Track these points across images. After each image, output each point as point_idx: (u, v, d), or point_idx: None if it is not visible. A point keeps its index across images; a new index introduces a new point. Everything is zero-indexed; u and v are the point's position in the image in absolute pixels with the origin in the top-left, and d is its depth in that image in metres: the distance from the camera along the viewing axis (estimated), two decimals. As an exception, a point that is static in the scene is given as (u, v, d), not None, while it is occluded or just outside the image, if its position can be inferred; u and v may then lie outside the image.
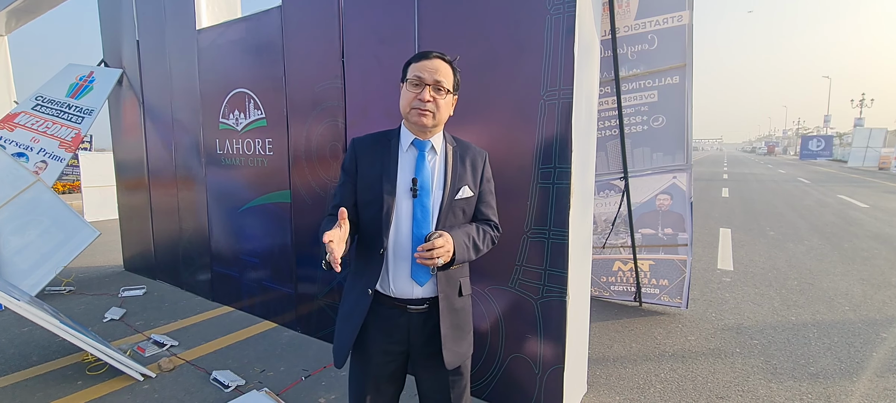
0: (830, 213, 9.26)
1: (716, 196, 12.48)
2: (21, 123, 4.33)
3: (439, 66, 1.35)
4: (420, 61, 1.36)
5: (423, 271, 1.38)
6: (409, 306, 1.40)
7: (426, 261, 1.25)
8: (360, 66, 2.75)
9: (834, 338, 3.31)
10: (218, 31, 3.67)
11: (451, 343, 1.41)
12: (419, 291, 1.39)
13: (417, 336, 1.42)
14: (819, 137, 44.20)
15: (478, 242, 1.43)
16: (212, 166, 3.88)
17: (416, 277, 1.38)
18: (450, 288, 1.42)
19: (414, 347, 1.44)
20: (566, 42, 1.98)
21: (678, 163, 3.39)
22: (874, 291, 4.37)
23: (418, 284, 1.39)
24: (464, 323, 1.48)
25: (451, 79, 1.38)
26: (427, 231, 1.36)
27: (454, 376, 1.47)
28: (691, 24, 3.07)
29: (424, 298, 1.41)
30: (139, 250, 4.94)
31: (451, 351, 1.40)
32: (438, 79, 1.34)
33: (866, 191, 13.88)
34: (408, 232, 1.36)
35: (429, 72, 1.34)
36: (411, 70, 1.37)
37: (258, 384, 2.63)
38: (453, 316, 1.43)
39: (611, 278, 3.90)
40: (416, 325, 1.42)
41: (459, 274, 1.46)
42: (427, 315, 1.42)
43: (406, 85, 1.38)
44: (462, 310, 1.47)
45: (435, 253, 1.24)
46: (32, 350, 3.05)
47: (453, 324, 1.43)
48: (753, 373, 2.81)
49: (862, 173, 22.61)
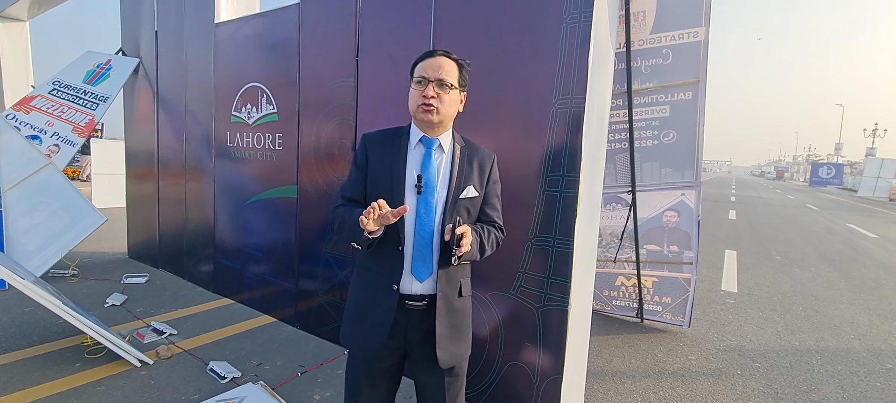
0: (838, 241, 9.16)
1: (723, 217, 12.39)
2: (37, 107, 4.39)
3: (443, 62, 1.38)
4: (425, 60, 1.39)
5: (424, 268, 1.38)
6: (408, 302, 1.39)
7: (460, 249, 1.26)
8: (375, 66, 2.77)
9: (838, 366, 3.25)
10: (235, 26, 3.71)
11: (446, 343, 1.40)
12: (418, 287, 1.39)
13: (414, 333, 1.42)
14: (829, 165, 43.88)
15: (484, 242, 1.43)
16: (221, 158, 3.91)
17: (416, 273, 1.38)
18: (449, 288, 1.42)
19: (411, 344, 1.44)
20: (581, 51, 1.99)
21: (687, 180, 3.37)
22: (881, 321, 4.30)
23: (418, 280, 1.39)
24: (462, 324, 1.47)
25: (455, 75, 1.40)
26: (430, 228, 1.36)
27: (450, 377, 1.46)
28: (707, 41, 3.06)
29: (423, 295, 1.40)
30: (144, 238, 4.97)
31: (446, 351, 1.40)
32: (441, 77, 1.36)
33: (876, 221, 13.72)
34: (411, 228, 1.37)
35: (432, 70, 1.37)
36: (417, 70, 1.40)
37: (254, 377, 2.63)
38: (451, 317, 1.42)
39: (613, 292, 3.87)
40: (413, 322, 1.41)
41: (461, 274, 1.46)
42: (425, 312, 1.41)
43: (413, 85, 1.40)
44: (461, 311, 1.47)
45: (464, 240, 1.27)
46: (33, 330, 3.07)
47: (451, 324, 1.42)
48: (754, 396, 2.77)
49: (872, 203, 22.37)
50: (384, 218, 1.25)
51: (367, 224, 1.22)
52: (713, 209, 14.60)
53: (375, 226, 1.26)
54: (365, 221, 1.22)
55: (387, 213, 1.24)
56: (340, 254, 3.06)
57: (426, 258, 1.38)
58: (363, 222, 1.22)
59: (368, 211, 1.22)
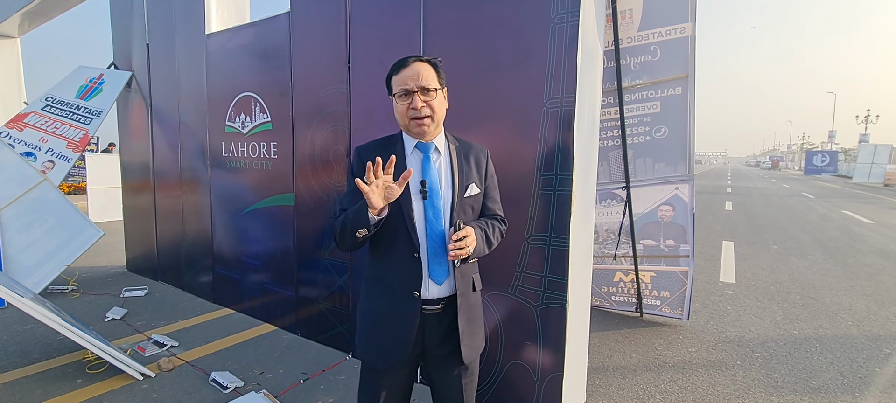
0: (834, 228, 9.21)
1: (719, 209, 12.44)
2: (30, 123, 4.39)
3: (420, 69, 1.35)
4: (400, 72, 1.36)
5: (441, 271, 1.38)
6: (425, 306, 1.40)
7: (458, 252, 1.28)
8: (366, 72, 2.78)
9: (836, 353, 3.28)
10: (227, 36, 3.73)
11: (467, 339, 1.42)
12: (436, 291, 1.40)
13: (433, 335, 1.42)
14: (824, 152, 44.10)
15: (490, 236, 1.45)
16: (216, 169, 3.92)
17: (434, 277, 1.38)
18: (465, 286, 1.43)
19: (429, 347, 1.44)
20: (569, 50, 2.01)
21: (680, 174, 3.40)
22: (878, 307, 4.33)
23: (436, 283, 1.39)
24: (477, 317, 1.49)
25: (434, 78, 1.38)
26: (441, 231, 1.38)
27: (466, 377, 1.48)
28: (694, 36, 3.09)
29: (440, 298, 1.41)
30: (142, 251, 4.97)
31: (468, 347, 1.42)
32: (423, 84, 1.34)
33: (871, 207, 13.79)
34: (423, 233, 1.37)
35: (412, 80, 1.34)
36: (395, 83, 1.38)
37: (257, 386, 2.63)
38: (468, 312, 1.44)
39: (612, 288, 3.89)
40: (431, 325, 1.42)
41: (472, 271, 1.48)
42: (442, 314, 1.42)
43: (395, 98, 1.39)
44: (476, 306, 1.49)
45: (466, 242, 1.28)
46: (33, 347, 3.06)
47: (469, 319, 1.44)
48: (754, 386, 2.79)
49: (867, 189, 22.49)
50: (389, 191, 1.25)
51: (368, 190, 1.21)
52: (710, 200, 14.66)
53: (381, 202, 1.25)
54: (367, 189, 1.20)
55: (390, 183, 1.24)
56: (339, 260, 3.07)
57: (442, 260, 1.38)
58: (364, 189, 1.20)
59: (367, 171, 1.21)
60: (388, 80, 1.41)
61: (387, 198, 1.27)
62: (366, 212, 1.25)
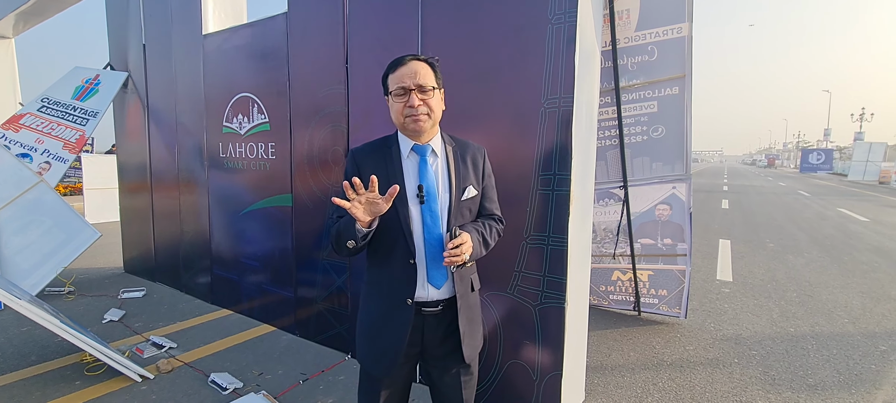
0: (830, 226, 9.26)
1: (716, 207, 12.49)
2: (26, 124, 4.36)
3: (417, 68, 1.34)
4: (397, 70, 1.35)
5: (439, 274, 1.39)
6: (424, 309, 1.40)
7: (454, 259, 1.28)
8: (364, 72, 2.78)
9: (833, 350, 3.30)
10: (224, 37, 3.71)
11: (468, 339, 1.43)
12: (435, 294, 1.40)
13: (432, 336, 1.43)
14: (819, 150, 44.27)
15: (487, 237, 1.45)
16: (214, 169, 3.91)
17: (433, 281, 1.39)
18: (464, 287, 1.44)
19: (428, 347, 1.44)
20: (567, 51, 2.01)
21: (677, 174, 3.41)
22: (874, 304, 4.37)
23: (435, 287, 1.39)
24: (476, 316, 1.50)
25: (431, 76, 1.36)
26: (439, 235, 1.37)
27: (466, 376, 1.48)
28: (691, 36, 3.11)
29: (439, 300, 1.41)
30: (139, 252, 4.95)
31: (469, 346, 1.43)
32: (420, 82, 1.33)
33: (866, 204, 13.88)
34: (420, 238, 1.37)
35: (409, 78, 1.33)
36: (391, 81, 1.36)
37: (256, 387, 2.63)
38: (468, 312, 1.45)
39: (610, 287, 3.91)
40: (430, 326, 1.42)
41: (469, 272, 1.48)
42: (441, 315, 1.42)
43: (391, 97, 1.37)
44: (475, 306, 1.50)
45: (462, 249, 1.28)
46: (31, 349, 3.05)
47: (469, 319, 1.45)
48: (751, 384, 2.81)
49: (862, 187, 22.63)
50: (375, 206, 1.23)
51: (350, 206, 1.20)
52: (706, 199, 14.71)
53: (367, 217, 1.24)
54: (348, 205, 1.19)
55: (376, 199, 1.22)
56: (337, 261, 3.07)
57: (440, 264, 1.37)
58: (345, 205, 1.19)
59: (347, 189, 1.19)
60: (385, 79, 1.40)
61: (373, 213, 1.25)
62: (353, 225, 1.25)
